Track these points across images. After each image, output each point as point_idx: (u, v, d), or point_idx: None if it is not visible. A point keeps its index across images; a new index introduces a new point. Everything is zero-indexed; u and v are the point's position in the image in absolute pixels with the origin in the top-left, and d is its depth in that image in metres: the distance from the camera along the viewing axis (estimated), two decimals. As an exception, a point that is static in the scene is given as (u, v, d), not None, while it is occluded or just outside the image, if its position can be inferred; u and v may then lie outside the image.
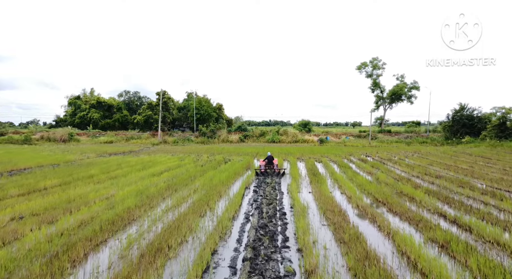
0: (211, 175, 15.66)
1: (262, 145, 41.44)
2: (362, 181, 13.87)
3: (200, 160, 23.83)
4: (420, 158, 24.52)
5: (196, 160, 23.71)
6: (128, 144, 42.74)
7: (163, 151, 32.48)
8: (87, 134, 50.21)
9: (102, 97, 79.26)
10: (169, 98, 75.50)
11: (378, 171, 17.42)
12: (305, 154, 28.49)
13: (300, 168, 19.50)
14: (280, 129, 50.60)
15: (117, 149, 34.11)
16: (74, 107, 78.48)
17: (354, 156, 27.13)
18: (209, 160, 23.31)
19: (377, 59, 54.47)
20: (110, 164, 20.04)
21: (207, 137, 47.49)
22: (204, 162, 21.78)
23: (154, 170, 17.27)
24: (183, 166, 19.37)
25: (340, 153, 28.69)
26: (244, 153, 29.24)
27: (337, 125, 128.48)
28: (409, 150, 33.23)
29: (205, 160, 23.10)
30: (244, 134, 48.77)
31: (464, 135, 41.33)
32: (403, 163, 21.10)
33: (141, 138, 46.29)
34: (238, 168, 18.13)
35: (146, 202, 10.25)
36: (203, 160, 23.54)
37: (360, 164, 20.62)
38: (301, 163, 22.46)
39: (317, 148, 34.90)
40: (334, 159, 23.90)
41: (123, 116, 77.51)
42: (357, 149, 35.14)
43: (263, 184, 14.32)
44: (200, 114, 56.67)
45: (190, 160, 23.32)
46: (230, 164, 20.63)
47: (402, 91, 52.69)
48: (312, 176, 15.66)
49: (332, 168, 19.05)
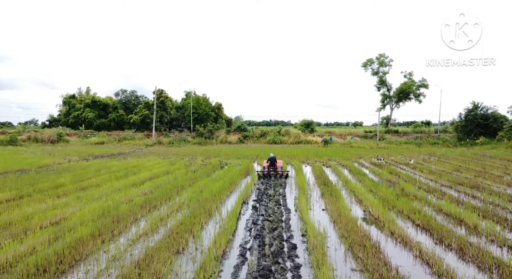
0: (202, 185, 13.07)
1: (262, 147, 38.83)
2: (386, 194, 11.26)
3: (193, 164, 21.24)
4: (439, 162, 21.90)
5: (189, 164, 21.12)
6: (120, 146, 40.16)
7: (155, 153, 29.88)
8: (77, 135, 47.65)
9: (97, 96, 76.70)
10: (166, 97, 72.94)
11: (399, 179, 14.82)
12: (310, 157, 25.89)
13: (307, 174, 16.90)
14: (281, 129, 48.00)
15: (106, 151, 31.53)
16: (68, 106, 75.93)
17: (364, 159, 24.52)
18: (203, 165, 20.72)
19: (383, 56, 51.90)
20: (89, 170, 17.45)
21: (205, 138, 44.90)
22: (197, 168, 19.18)
23: (136, 178, 14.67)
24: (172, 173, 16.76)
25: (348, 156, 26.07)
26: (243, 156, 26.64)
27: (338, 125, 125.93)
28: (423, 152, 30.61)
29: (199, 165, 20.50)
30: (243, 135, 46.17)
31: (478, 136, 38.69)
32: (424, 168, 18.47)
33: (135, 139, 43.70)
34: (235, 175, 15.53)
35: (109, 228, 7.67)
36: (197, 164, 20.94)
37: (375, 169, 18.01)
38: (307, 168, 19.86)
39: (322, 150, 32.29)
40: (344, 163, 21.30)
41: (119, 116, 74.99)
42: (365, 151, 32.52)
43: (265, 197, 11.73)
44: (197, 114, 54.07)
45: (181, 164, 20.72)
46: (227, 170, 18.05)
47: (411, 89, 50.01)
48: (323, 186, 13.05)
49: (344, 175, 16.44)
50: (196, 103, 55.35)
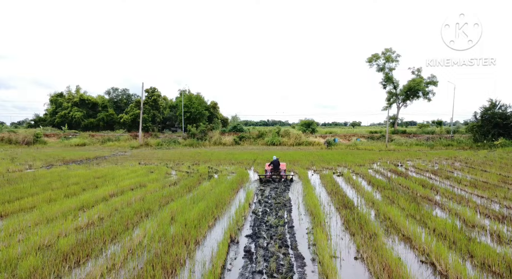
0: (176, 209, 9.39)
1: (260, 149, 35.16)
2: (442, 226, 7.62)
3: (175, 173, 17.55)
4: (471, 169, 18.32)
5: (170, 173, 17.40)
6: (102, 148, 36.36)
7: (138, 157, 26.12)
8: (58, 135, 43.69)
9: (86, 95, 72.72)
10: (159, 95, 69.27)
11: (440, 196, 11.21)
12: (316, 162, 22.25)
13: (317, 188, 13.23)
14: (280, 129, 44.34)
15: (82, 154, 27.72)
16: (55, 105, 71.94)
17: (380, 165, 20.92)
18: (188, 174, 17.02)
19: (390, 51, 48.21)
20: (38, 182, 13.70)
21: (197, 139, 41.17)
22: (179, 178, 15.47)
23: (91, 196, 10.95)
24: (143, 187, 13.03)
25: (359, 161, 22.45)
26: (237, 161, 22.95)
27: (336, 125, 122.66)
28: (441, 155, 27.06)
29: (182, 175, 16.77)
30: (239, 136, 42.49)
31: (496, 137, 35.23)
32: (460, 179, 14.86)
33: (120, 140, 39.89)
34: (225, 190, 11.83)
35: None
36: (180, 174, 17.23)
37: (401, 181, 14.37)
38: (314, 177, 16.21)
39: (328, 153, 28.65)
40: (358, 171, 17.67)
41: (109, 115, 71.00)
42: (375, 154, 28.93)
43: (264, 229, 8.08)
44: (190, 113, 50.19)
45: (161, 173, 16.99)
46: (215, 182, 14.34)
47: (420, 86, 46.40)
48: (344, 210, 9.39)
49: (365, 189, 12.76)
50: (188, 101, 51.54)
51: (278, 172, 15.41)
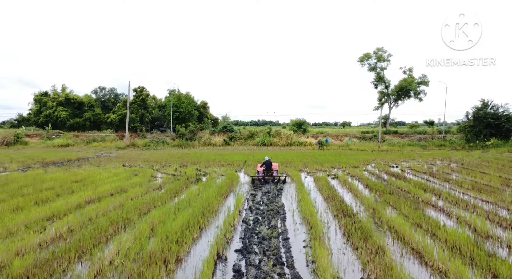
0: (158, 219, 8.41)
1: (251, 149, 34.24)
2: (458, 239, 6.83)
3: (161, 176, 16.50)
4: (469, 170, 17.75)
5: (155, 176, 16.34)
6: (87, 148, 34.90)
7: (123, 158, 24.92)
8: (40, 136, 41.92)
9: (72, 94, 70.66)
10: (147, 95, 67.80)
11: (443, 201, 10.49)
12: (309, 163, 21.45)
13: (312, 192, 12.38)
14: (271, 129, 43.47)
15: (64, 155, 26.34)
16: (39, 104, 69.68)
17: (375, 166, 20.23)
18: (174, 177, 15.99)
19: (382, 50, 47.85)
20: (9, 187, 12.51)
21: (186, 139, 40.00)
22: (164, 182, 14.43)
23: (64, 203, 9.87)
24: (124, 192, 11.97)
25: (353, 162, 21.75)
26: (227, 163, 21.99)
27: (326, 125, 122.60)
28: (435, 156, 26.59)
29: (168, 178, 15.73)
30: (229, 136, 41.47)
31: (488, 137, 35.07)
32: (460, 182, 14.21)
33: (105, 141, 38.44)
34: (213, 196, 10.89)
35: None
36: (166, 177, 16.19)
37: (399, 184, 13.64)
38: (309, 180, 15.37)
39: (320, 154, 27.90)
40: (353, 173, 16.91)
41: (95, 115, 69.16)
42: (368, 155, 28.31)
43: (255, 241, 7.18)
44: (179, 113, 48.88)
45: (145, 176, 15.92)
46: (203, 186, 13.36)
47: (412, 86, 46.14)
48: (343, 219, 8.57)
49: (364, 193, 11.97)
50: (177, 101, 50.22)
51: (271, 172, 15.29)
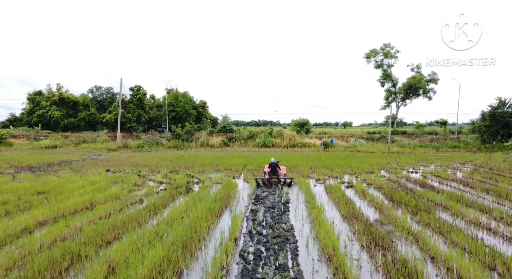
0: (119, 256, 6.03)
1: (251, 151, 31.87)
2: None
3: (146, 184, 14.12)
4: (499, 176, 15.36)
5: (139, 185, 13.96)
6: (75, 150, 32.56)
7: (110, 162, 22.57)
8: (28, 136, 39.55)
9: (66, 93, 68.33)
10: (144, 94, 65.43)
11: (503, 225, 8.12)
12: (316, 167, 19.08)
13: (327, 210, 9.98)
14: (273, 130, 41.07)
15: (46, 158, 23.97)
16: (32, 104, 67.44)
17: (392, 172, 17.83)
18: (161, 185, 13.64)
19: (389, 46, 45.40)
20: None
21: (182, 140, 37.63)
22: (147, 193, 12.05)
23: (2, 229, 7.51)
24: (90, 211, 9.60)
25: (366, 167, 19.38)
26: (224, 167, 19.64)
27: (327, 125, 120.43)
28: (453, 159, 24.21)
29: (153, 188, 13.35)
30: (228, 137, 39.08)
31: (506, 138, 32.65)
32: (506, 194, 11.83)
33: (96, 142, 36.10)
34: (202, 216, 8.51)
35: None
36: (150, 186, 13.81)
37: (432, 196, 11.26)
38: (320, 190, 12.96)
39: (327, 157, 25.50)
40: (371, 181, 14.51)
41: (90, 115, 66.96)
42: (379, 157, 25.93)
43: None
44: (175, 112, 46.43)
45: (127, 185, 13.56)
46: (193, 199, 10.96)
47: (421, 83, 43.69)
48: (380, 256, 6.19)
49: (394, 213, 9.54)
50: (174, 99, 47.79)
51: (277, 175, 14.66)
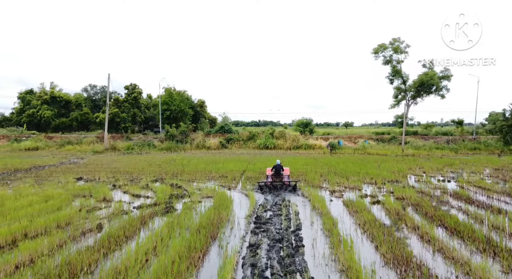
0: None
1: (251, 154, 28.91)
2: None
3: (117, 199, 11.13)
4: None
5: (108, 200, 10.96)
6: (58, 153, 29.62)
7: (89, 167, 19.65)
8: (8, 137, 36.56)
9: (58, 92, 65.40)
10: (140, 93, 62.69)
11: None
12: (327, 174, 16.13)
13: (358, 245, 6.98)
14: (274, 130, 38.06)
15: (17, 162, 20.97)
16: (23, 103, 64.53)
17: (420, 180, 14.83)
18: (134, 202, 10.68)
19: (398, 40, 42.30)
20: None
21: (176, 142, 34.64)
22: (111, 215, 9.05)
23: None
24: (8, 251, 6.62)
25: (385, 174, 16.43)
26: (220, 174, 16.70)
27: (328, 125, 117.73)
28: (480, 163, 21.22)
29: (123, 204, 10.39)
30: (227, 138, 36.10)
31: (532, 139, 29.68)
32: None
33: (82, 143, 33.14)
34: (176, 260, 5.53)
35: None
36: (119, 204, 10.81)
37: (495, 221, 8.29)
38: (339, 208, 9.95)
39: (337, 161, 22.50)
40: (401, 194, 11.49)
41: (83, 114, 63.92)
42: (395, 161, 22.97)
43: None
44: (170, 111, 43.35)
45: (93, 200, 10.59)
46: (170, 225, 7.94)
47: (434, 80, 40.50)
48: None
49: (461, 254, 6.55)
50: (168, 98, 44.75)
51: (280, 178, 13.50)
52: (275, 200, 11.25)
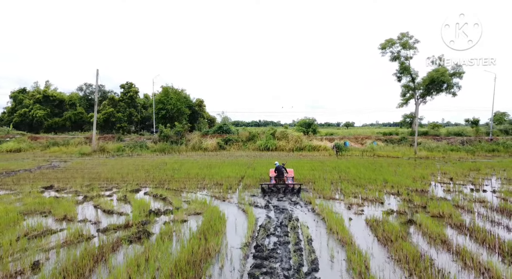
0: None
1: (251, 156, 26.64)
2: None
3: (82, 217, 8.84)
4: None
5: (70, 218, 8.67)
6: (41, 155, 27.34)
7: (65, 173, 17.38)
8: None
9: (51, 91, 63.23)
10: (136, 92, 60.50)
11: None
12: (339, 182, 13.85)
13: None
14: (275, 130, 35.74)
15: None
16: (15, 102, 62.34)
17: (447, 188, 12.53)
18: (101, 223, 8.40)
19: (407, 35, 40.05)
20: None
21: (171, 143, 32.34)
22: (64, 243, 6.77)
23: None
24: None
25: (405, 181, 14.15)
26: (215, 181, 14.44)
27: (329, 125, 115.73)
28: (507, 166, 18.91)
29: (85, 223, 8.12)
30: (225, 138, 33.81)
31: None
32: None
33: (69, 145, 30.84)
34: None
35: None
36: (88, 219, 8.54)
37: None
38: (364, 233, 7.65)
39: (347, 165, 20.19)
40: (437, 211, 9.19)
41: (77, 114, 61.61)
42: (410, 165, 20.71)
43: None
44: (165, 110, 40.98)
45: (47, 220, 8.32)
46: (134, 264, 5.64)
47: (445, 77, 38.19)
48: None
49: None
50: (164, 96, 42.43)
51: (283, 179, 12.98)
52: (280, 218, 8.97)
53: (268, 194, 12.10)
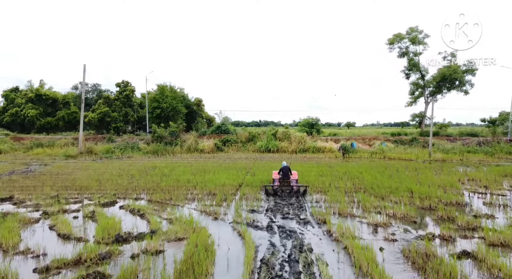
0: None
1: (250, 158, 24.44)
2: None
3: (25, 239, 6.63)
4: None
5: (7, 249, 6.47)
6: (23, 157, 25.17)
7: (37, 179, 15.19)
8: (-29, 140, 32.08)
9: (43, 90, 61.11)
10: (132, 91, 58.20)
11: None
12: (353, 192, 11.66)
13: None
14: (277, 130, 33.49)
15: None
16: (6, 101, 60.27)
17: (483, 200, 10.32)
18: (40, 262, 6.17)
19: (416, 30, 37.76)
20: None
21: (165, 144, 30.12)
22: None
23: None
24: None
25: (436, 192, 11.93)
26: (208, 190, 12.28)
27: (330, 125, 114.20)
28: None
29: (5, 270, 5.86)
30: (223, 139, 31.58)
31: None
32: None
33: (54, 146, 28.63)
34: None
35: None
36: (26, 253, 6.32)
37: None
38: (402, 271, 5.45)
39: (359, 169, 17.95)
40: (497, 238, 6.98)
41: (71, 114, 59.51)
42: (430, 169, 18.48)
43: None
44: (160, 109, 38.71)
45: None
46: None
47: (457, 73, 35.91)
48: None
49: None
50: (160, 94, 40.20)
51: (288, 182, 12.20)
52: (287, 246, 6.77)
53: (271, 195, 11.78)
